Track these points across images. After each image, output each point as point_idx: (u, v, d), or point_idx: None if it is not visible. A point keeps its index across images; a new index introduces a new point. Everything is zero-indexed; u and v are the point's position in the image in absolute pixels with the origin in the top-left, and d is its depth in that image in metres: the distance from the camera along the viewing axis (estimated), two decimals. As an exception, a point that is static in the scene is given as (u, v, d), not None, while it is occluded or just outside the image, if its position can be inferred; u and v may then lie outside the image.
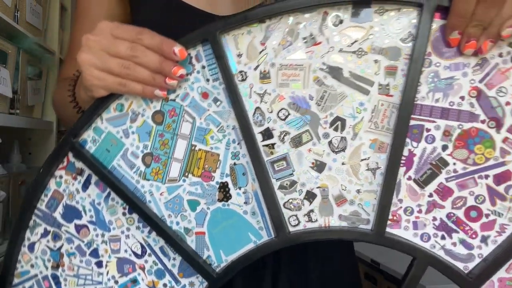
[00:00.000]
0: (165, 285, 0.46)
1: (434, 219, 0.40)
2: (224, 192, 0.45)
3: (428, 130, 0.40)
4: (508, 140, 0.38)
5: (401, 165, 0.40)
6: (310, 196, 0.43)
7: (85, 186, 0.48)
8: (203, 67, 0.44)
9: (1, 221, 1.10)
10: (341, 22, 0.41)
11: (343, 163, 0.42)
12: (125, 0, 0.59)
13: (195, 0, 0.55)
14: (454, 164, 0.39)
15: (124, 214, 0.47)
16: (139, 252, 0.47)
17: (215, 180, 0.45)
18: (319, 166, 0.42)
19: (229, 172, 0.45)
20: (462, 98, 0.39)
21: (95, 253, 0.48)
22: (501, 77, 0.38)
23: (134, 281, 0.47)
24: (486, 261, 0.39)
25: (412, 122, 0.40)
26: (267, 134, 0.43)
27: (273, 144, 0.43)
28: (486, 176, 0.39)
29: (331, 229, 0.43)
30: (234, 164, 0.45)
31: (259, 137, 0.44)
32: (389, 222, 0.41)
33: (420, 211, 0.40)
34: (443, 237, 0.40)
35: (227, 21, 0.42)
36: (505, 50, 0.37)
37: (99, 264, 0.47)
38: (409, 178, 0.40)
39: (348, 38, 0.41)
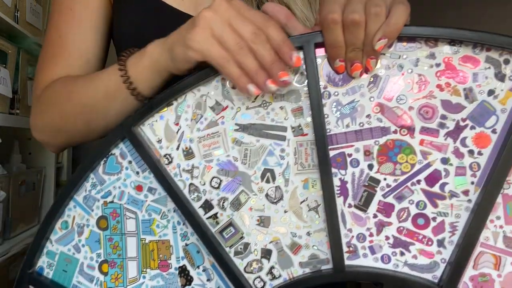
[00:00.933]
0: None
1: (387, 238, 0.41)
2: (185, 276, 0.46)
3: (349, 155, 0.42)
4: (424, 141, 0.40)
5: (338, 195, 0.42)
6: (266, 253, 0.44)
7: (53, 313, 0.49)
8: (130, 162, 0.47)
9: (1, 221, 1.13)
10: (239, 83, 0.44)
11: (285, 211, 0.43)
12: (108, 2, 0.59)
13: (181, 4, 0.57)
14: (385, 179, 0.41)
15: (96, 329, 0.47)
16: None
17: (172, 266, 0.46)
18: (265, 221, 0.44)
19: (183, 255, 0.46)
20: (369, 116, 0.41)
21: None
22: (396, 87, 0.41)
23: None
24: (451, 264, 0.39)
25: (333, 153, 0.42)
26: (207, 206, 0.45)
27: (215, 214, 0.45)
28: (418, 182, 0.40)
29: (296, 279, 0.43)
30: (186, 245, 0.46)
31: (201, 212, 0.45)
32: (347, 254, 0.42)
33: (371, 235, 0.41)
34: (402, 253, 0.41)
35: (137, 114, 0.45)
36: (390, 62, 0.41)
37: None
38: (350, 206, 0.42)
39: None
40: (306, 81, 0.43)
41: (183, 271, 0.46)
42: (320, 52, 0.42)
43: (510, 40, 0.38)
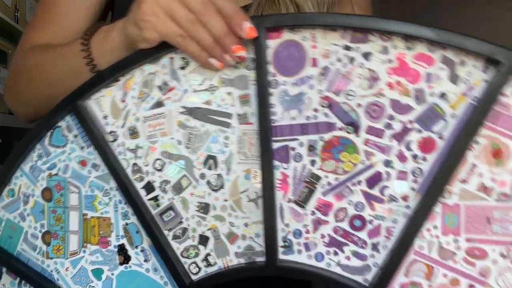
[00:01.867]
0: None
1: (323, 236, 0.41)
2: (123, 255, 0.47)
3: (293, 149, 0.41)
4: (369, 141, 0.40)
5: (278, 189, 0.42)
6: (203, 240, 0.45)
7: (-2, 277, 0.51)
8: (75, 136, 0.47)
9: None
10: (187, 63, 0.43)
11: (225, 200, 0.44)
12: None
13: None
14: (326, 177, 0.41)
15: (37, 297, 0.50)
16: (58, 333, 0.49)
17: (112, 244, 0.47)
18: (204, 208, 0.44)
19: (123, 234, 0.47)
20: (316, 110, 0.41)
21: None
22: (345, 81, 0.40)
23: None
24: (382, 269, 0.39)
25: (276, 145, 0.42)
26: (149, 187, 0.46)
27: (156, 197, 0.46)
28: (359, 182, 0.40)
29: (230, 268, 0.44)
30: (126, 224, 0.47)
31: (143, 193, 0.46)
32: (282, 249, 0.43)
33: (307, 232, 0.42)
34: (335, 253, 0.41)
35: (81, 89, 0.45)
36: (341, 54, 0.39)
37: None
38: (289, 201, 0.42)
39: (198, 77, 0.43)
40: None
41: (121, 250, 0.47)
42: (272, 37, 0.41)
43: (469, 40, 0.36)
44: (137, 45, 0.44)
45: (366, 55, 0.39)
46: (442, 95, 0.38)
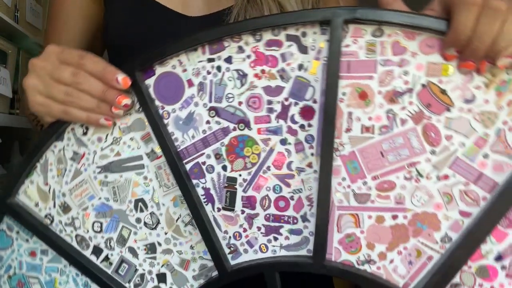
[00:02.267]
0: None
1: (259, 228, 0.44)
2: (98, 322, 0.49)
3: (203, 163, 0.45)
4: (261, 130, 0.44)
5: (205, 203, 0.45)
6: (161, 277, 0.47)
7: None
8: (18, 232, 0.50)
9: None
10: (87, 128, 0.48)
11: (166, 233, 0.47)
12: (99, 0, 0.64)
13: (168, 1, 0.60)
14: (240, 175, 0.44)
15: None
16: None
17: (84, 317, 0.49)
18: (151, 248, 0.47)
19: (91, 302, 0.49)
20: (208, 122, 0.45)
21: None
22: (221, 88, 0.44)
23: None
24: (317, 235, 0.42)
25: (189, 165, 0.46)
26: (97, 251, 0.48)
27: (106, 256, 0.48)
28: (268, 168, 0.44)
29: (194, 292, 0.46)
30: (90, 292, 0.49)
31: (93, 258, 0.48)
32: (230, 255, 0.45)
33: (245, 230, 0.45)
34: (275, 239, 0.44)
35: (7, 188, 0.49)
36: (209, 67, 0.44)
37: None
38: (219, 209, 0.45)
39: (101, 136, 0.47)
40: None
41: (95, 318, 0.49)
42: (148, 76, 0.46)
43: (300, 14, 0.41)
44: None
45: (228, 60, 0.44)
46: (300, 67, 0.43)
